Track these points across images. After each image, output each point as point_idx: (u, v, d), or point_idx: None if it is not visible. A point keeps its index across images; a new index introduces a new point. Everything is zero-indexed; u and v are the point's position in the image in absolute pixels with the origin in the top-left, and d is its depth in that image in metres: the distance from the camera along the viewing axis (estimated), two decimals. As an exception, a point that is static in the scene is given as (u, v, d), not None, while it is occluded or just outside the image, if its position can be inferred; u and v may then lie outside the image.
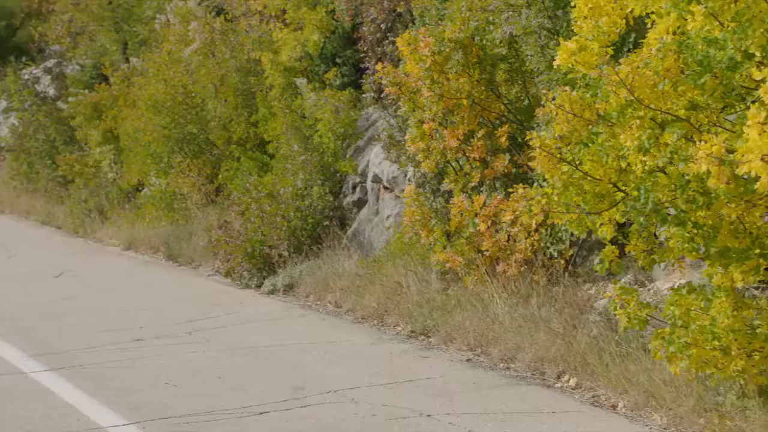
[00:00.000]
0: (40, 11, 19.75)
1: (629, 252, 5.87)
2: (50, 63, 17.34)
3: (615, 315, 5.99)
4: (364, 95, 11.37)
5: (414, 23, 9.79)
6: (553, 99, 5.67)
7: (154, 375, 7.28)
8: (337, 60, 11.84)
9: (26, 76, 17.01)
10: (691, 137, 5.46)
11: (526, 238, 7.96)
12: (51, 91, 16.74)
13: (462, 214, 8.24)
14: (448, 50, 8.30)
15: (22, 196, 16.69)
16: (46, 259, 12.54)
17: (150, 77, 13.52)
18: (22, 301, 9.98)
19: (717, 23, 5.31)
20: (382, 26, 11.16)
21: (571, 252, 8.01)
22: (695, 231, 5.46)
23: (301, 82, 11.62)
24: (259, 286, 10.26)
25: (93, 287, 10.86)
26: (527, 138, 5.88)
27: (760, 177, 4.73)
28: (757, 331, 5.61)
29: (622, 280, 7.25)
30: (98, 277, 11.46)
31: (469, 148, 8.40)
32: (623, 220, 5.77)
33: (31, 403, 6.71)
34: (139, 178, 14.02)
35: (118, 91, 14.90)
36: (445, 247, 8.45)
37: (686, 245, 5.52)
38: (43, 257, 12.77)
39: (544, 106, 6.24)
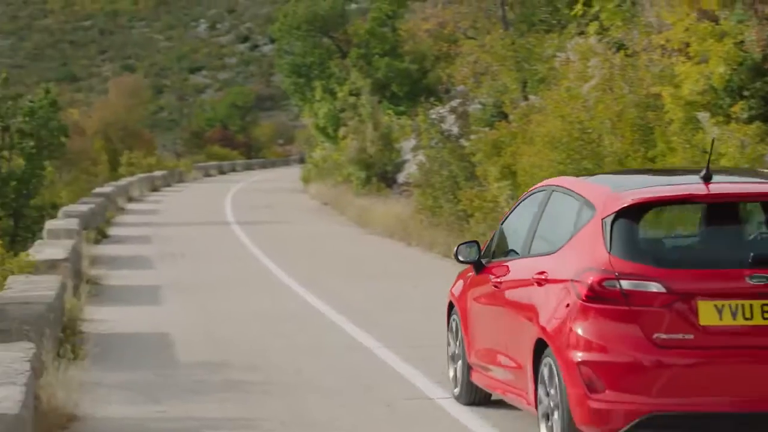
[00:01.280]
0: (449, 54, 20.93)
1: None
2: (455, 102, 18.26)
3: None
4: (774, 129, 10.69)
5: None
6: None
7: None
8: (745, 92, 11.28)
9: (433, 116, 18.04)
10: None
11: None
12: (455, 129, 17.60)
13: None
14: None
15: (427, 229, 17.61)
16: (445, 291, 13.10)
17: (547, 114, 13.72)
18: (425, 330, 10.52)
19: None
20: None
21: None
22: None
23: (703, 116, 11.19)
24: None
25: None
26: None
27: None
28: None
29: None
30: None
31: None
32: None
33: (437, 430, 7.00)
34: (534, 213, 14.24)
35: (516, 128, 15.29)
36: None
37: None
38: (442, 289, 13.35)
39: None
